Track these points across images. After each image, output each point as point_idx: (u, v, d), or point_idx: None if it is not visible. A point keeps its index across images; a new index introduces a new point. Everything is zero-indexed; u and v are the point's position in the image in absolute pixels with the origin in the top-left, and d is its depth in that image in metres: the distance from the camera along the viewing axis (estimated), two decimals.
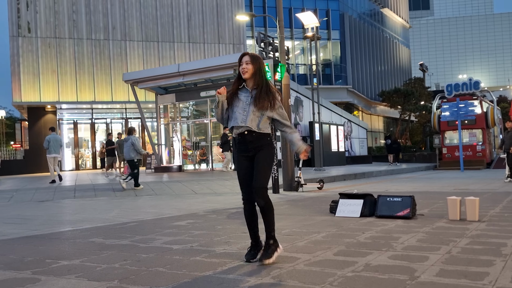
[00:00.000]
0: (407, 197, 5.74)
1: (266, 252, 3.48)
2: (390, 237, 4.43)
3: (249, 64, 3.55)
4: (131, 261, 3.71)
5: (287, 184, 10.84)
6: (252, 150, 3.57)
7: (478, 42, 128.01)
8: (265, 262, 3.43)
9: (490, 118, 26.16)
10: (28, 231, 5.63)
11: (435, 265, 3.26)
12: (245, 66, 3.56)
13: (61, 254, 4.12)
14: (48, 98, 25.38)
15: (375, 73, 45.60)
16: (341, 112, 28.64)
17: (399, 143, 26.99)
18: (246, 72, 3.55)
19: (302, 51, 40.24)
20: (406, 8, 57.78)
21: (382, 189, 10.43)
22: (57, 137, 14.16)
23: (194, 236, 4.81)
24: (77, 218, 6.76)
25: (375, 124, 45.60)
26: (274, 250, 3.50)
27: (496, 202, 7.10)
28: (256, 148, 3.56)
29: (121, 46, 27.01)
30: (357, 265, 3.35)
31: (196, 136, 22.37)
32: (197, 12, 28.82)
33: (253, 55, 3.60)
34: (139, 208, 7.97)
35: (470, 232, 4.57)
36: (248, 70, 3.55)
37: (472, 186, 10.89)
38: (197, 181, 13.14)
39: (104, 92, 26.46)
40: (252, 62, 3.55)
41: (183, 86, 20.46)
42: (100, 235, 5.12)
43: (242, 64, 3.58)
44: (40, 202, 9.78)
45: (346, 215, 5.93)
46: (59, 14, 25.86)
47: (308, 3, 39.10)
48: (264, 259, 3.44)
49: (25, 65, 25.03)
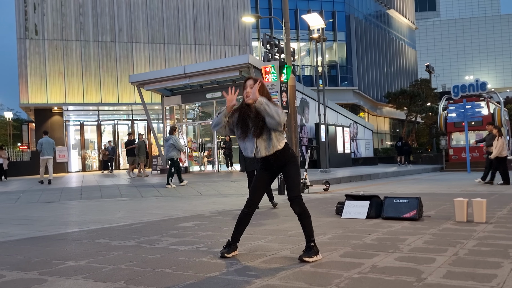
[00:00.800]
0: (414, 199, 5.71)
1: (308, 252, 3.62)
2: (396, 238, 4.41)
3: (252, 87, 3.64)
4: (137, 262, 3.72)
5: None
6: (276, 167, 3.77)
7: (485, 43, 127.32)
8: (305, 259, 3.56)
9: (497, 120, 25.98)
10: (35, 232, 5.66)
11: (442, 267, 3.24)
12: (249, 90, 3.65)
13: (68, 255, 4.14)
14: (54, 99, 25.54)
15: (381, 74, 45.47)
16: (347, 113, 28.57)
17: (410, 145, 27.39)
18: (249, 97, 3.60)
19: (308, 53, 40.21)
20: (412, 9, 57.58)
21: (388, 191, 10.39)
22: (49, 140, 14.83)
23: (200, 237, 4.81)
24: (84, 219, 6.79)
25: (381, 126, 45.44)
26: (316, 253, 3.62)
27: (504, 204, 7.05)
28: (280, 165, 3.74)
29: (127, 48, 27.12)
30: (364, 266, 3.33)
31: (202, 138, 22.41)
32: (203, 14, 28.89)
33: (255, 79, 3.70)
34: (145, 209, 7.99)
35: (477, 234, 4.54)
36: (252, 94, 3.59)
37: (479, 188, 10.82)
38: (203, 182, 13.16)
39: (111, 94, 26.59)
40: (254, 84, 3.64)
41: (189, 88, 20.51)
42: (106, 236, 5.13)
43: (246, 87, 3.68)
44: (47, 203, 9.83)
45: (352, 217, 5.91)
46: (66, 17, 26.02)
47: (314, 4, 39.07)
48: (304, 257, 3.59)
49: (32, 67, 25.20)
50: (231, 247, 3.85)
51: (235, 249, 3.88)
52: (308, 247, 3.64)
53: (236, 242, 3.89)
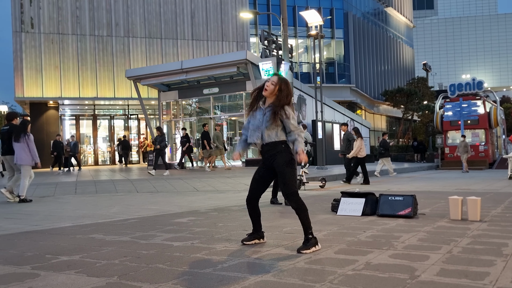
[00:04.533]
0: (409, 196, 5.72)
1: (305, 244, 3.79)
2: (391, 236, 4.41)
3: (273, 85, 3.85)
4: (131, 258, 3.71)
5: None
6: (268, 158, 3.92)
7: (482, 42, 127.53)
8: (302, 251, 3.72)
9: (493, 119, 26.05)
10: (28, 226, 5.64)
11: (435, 265, 3.24)
12: (268, 84, 3.86)
13: (61, 249, 4.12)
14: (50, 93, 25.42)
15: (378, 72, 45.50)
16: (344, 111, 28.58)
17: (424, 144, 30.97)
18: (266, 91, 3.86)
19: (305, 50, 40.17)
20: (410, 7, 57.58)
21: (384, 188, 10.41)
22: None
23: (195, 233, 4.80)
24: (78, 214, 6.76)
25: (378, 124, 45.52)
26: (313, 245, 3.79)
27: (498, 203, 7.08)
28: (271, 157, 3.90)
29: (124, 42, 27.01)
30: (358, 263, 3.33)
31: (199, 134, 22.37)
32: (200, 9, 28.79)
33: (281, 78, 3.92)
34: (140, 204, 7.97)
35: (471, 232, 4.55)
36: (269, 89, 3.85)
37: (474, 186, 10.86)
38: (199, 178, 13.14)
39: (107, 89, 26.49)
40: (277, 83, 3.85)
41: (186, 83, 20.46)
42: (101, 231, 5.12)
43: (268, 81, 3.90)
44: (41, 197, 9.80)
45: (348, 214, 5.92)
46: (62, 10, 25.87)
47: (312, 1, 39.00)
48: (302, 249, 3.74)
49: (28, 60, 25.06)
50: (253, 235, 4.11)
51: (257, 238, 4.13)
52: (306, 240, 3.80)
53: (257, 229, 4.12)
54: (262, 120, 3.86)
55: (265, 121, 3.84)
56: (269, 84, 3.85)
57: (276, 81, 3.86)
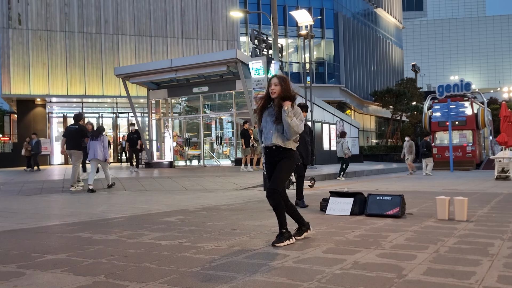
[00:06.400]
0: (397, 196, 5.75)
1: (279, 238, 4.05)
2: (379, 235, 4.43)
3: (277, 86, 4.05)
4: (118, 257, 3.68)
5: None
6: (276, 161, 4.16)
7: (470, 44, 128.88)
8: (276, 244, 3.98)
9: (480, 120, 26.34)
10: (14, 224, 5.57)
11: (422, 264, 3.26)
12: (273, 88, 4.06)
13: (47, 248, 4.07)
14: (38, 91, 25.13)
15: (368, 72, 45.75)
16: (333, 111, 28.69)
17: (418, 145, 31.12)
18: (275, 93, 4.06)
19: (295, 49, 40.24)
20: (400, 8, 58.00)
21: (372, 188, 10.46)
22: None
23: (183, 232, 4.78)
24: (65, 213, 6.70)
25: (367, 124, 45.78)
26: (286, 238, 4.05)
27: (485, 203, 7.15)
28: (279, 159, 4.15)
29: (113, 40, 26.80)
30: (346, 262, 3.34)
31: (188, 132, 22.29)
32: (191, 7, 28.67)
33: (280, 77, 4.12)
34: (128, 203, 7.92)
35: (458, 231, 4.59)
36: (276, 91, 4.05)
37: (461, 187, 10.97)
38: (188, 177, 13.10)
39: (95, 86, 26.25)
40: (279, 84, 4.06)
41: (175, 82, 20.35)
42: (88, 229, 5.07)
43: (271, 85, 4.08)
44: (28, 196, 9.68)
45: (336, 213, 5.94)
46: (50, 7, 25.59)
47: (303, 1, 39.08)
48: (276, 243, 4.00)
49: (15, 57, 24.75)
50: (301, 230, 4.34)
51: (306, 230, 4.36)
52: (280, 233, 4.07)
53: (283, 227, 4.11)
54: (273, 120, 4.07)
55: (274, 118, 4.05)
56: (273, 87, 4.06)
57: (277, 81, 4.07)
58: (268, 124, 4.10)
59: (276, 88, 4.05)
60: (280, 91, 4.04)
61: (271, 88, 4.07)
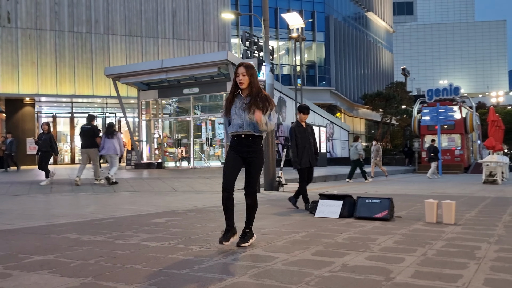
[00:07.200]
0: (386, 199, 5.79)
1: (243, 238, 4.10)
2: (367, 238, 4.46)
3: (245, 76, 3.97)
4: (106, 258, 3.65)
5: (268, 184, 10.85)
6: (245, 152, 4.04)
7: (459, 48, 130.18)
8: (242, 245, 4.03)
9: (469, 124, 26.63)
10: (1, 225, 5.50)
11: (410, 267, 3.29)
12: (241, 78, 3.98)
13: (35, 249, 4.03)
14: (26, 90, 24.86)
15: (358, 76, 46.01)
16: (323, 113, 28.81)
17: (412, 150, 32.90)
18: (243, 83, 3.99)
19: (286, 52, 40.34)
20: (390, 12, 58.44)
21: (361, 191, 10.52)
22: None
23: (172, 234, 4.77)
24: (53, 213, 6.63)
25: (357, 127, 46.01)
26: (250, 237, 4.14)
27: (472, 206, 7.23)
28: (249, 152, 4.04)
29: (103, 39, 26.64)
30: (334, 265, 3.36)
31: (178, 134, 22.22)
32: (182, 8, 28.61)
33: (247, 66, 4.02)
34: (117, 204, 7.87)
35: (446, 235, 4.63)
36: (244, 81, 3.98)
37: (449, 190, 11.07)
38: (178, 178, 13.06)
39: (85, 86, 26.06)
40: (247, 73, 3.98)
41: (166, 83, 20.30)
42: (76, 230, 5.03)
43: (238, 75, 3.99)
44: (15, 196, 9.58)
45: (326, 216, 5.95)
46: (40, 5, 25.36)
47: (294, 4, 39.21)
48: (241, 243, 4.05)
49: (4, 55, 24.48)
50: (229, 233, 4.05)
51: (234, 234, 4.09)
52: (243, 233, 4.13)
53: (232, 226, 4.07)
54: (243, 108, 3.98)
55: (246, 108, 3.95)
56: (241, 78, 3.97)
57: (245, 71, 3.97)
58: (238, 112, 4.00)
59: (244, 78, 3.97)
60: (248, 82, 3.98)
61: (239, 79, 3.98)
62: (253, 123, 3.95)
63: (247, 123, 3.95)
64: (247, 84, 3.98)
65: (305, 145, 6.89)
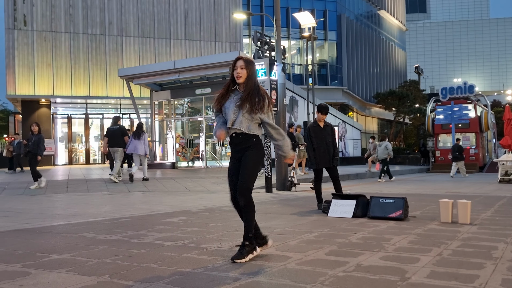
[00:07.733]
0: (400, 199, 5.75)
1: (240, 252, 3.52)
2: (381, 238, 4.44)
3: (244, 69, 3.68)
4: (122, 257, 3.70)
5: (280, 183, 10.84)
6: (239, 151, 3.69)
7: (474, 46, 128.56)
8: (237, 261, 3.45)
9: (483, 122, 26.28)
10: (19, 224, 5.60)
11: (426, 267, 3.27)
12: (239, 71, 3.68)
13: (52, 248, 4.10)
14: (42, 91, 25.22)
15: (370, 74, 45.70)
16: (335, 113, 28.67)
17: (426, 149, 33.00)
18: (241, 77, 3.68)
19: (298, 51, 40.25)
20: (403, 10, 57.92)
21: (375, 191, 10.46)
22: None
23: (186, 233, 4.80)
24: (69, 213, 6.73)
25: (370, 126, 45.71)
26: (249, 252, 3.54)
27: (488, 206, 7.14)
28: (243, 150, 3.67)
29: (117, 41, 26.89)
30: (348, 265, 3.35)
31: (191, 134, 22.32)
32: (194, 9, 28.74)
33: (247, 60, 3.73)
34: (132, 204, 7.95)
35: (461, 235, 4.59)
36: (242, 75, 3.68)
37: (464, 190, 10.95)
38: (190, 178, 13.13)
39: (99, 87, 26.34)
40: (246, 67, 3.69)
41: (178, 83, 20.40)
42: (92, 230, 5.09)
43: (236, 68, 3.70)
44: (32, 195, 9.73)
45: (339, 215, 5.94)
46: (55, 8, 25.70)
47: (306, 3, 39.10)
48: (236, 258, 3.48)
49: (20, 58, 24.86)
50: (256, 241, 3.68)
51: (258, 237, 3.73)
52: (242, 246, 3.55)
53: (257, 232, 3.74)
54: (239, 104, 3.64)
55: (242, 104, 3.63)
56: (239, 71, 3.66)
57: (244, 64, 3.68)
58: (232, 107, 3.64)
59: (242, 72, 3.65)
60: (246, 76, 3.66)
61: (236, 72, 3.67)
62: (246, 120, 3.61)
63: (239, 121, 3.60)
64: (245, 79, 3.67)
65: (320, 145, 6.84)
